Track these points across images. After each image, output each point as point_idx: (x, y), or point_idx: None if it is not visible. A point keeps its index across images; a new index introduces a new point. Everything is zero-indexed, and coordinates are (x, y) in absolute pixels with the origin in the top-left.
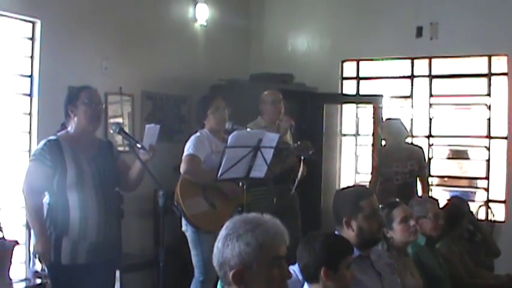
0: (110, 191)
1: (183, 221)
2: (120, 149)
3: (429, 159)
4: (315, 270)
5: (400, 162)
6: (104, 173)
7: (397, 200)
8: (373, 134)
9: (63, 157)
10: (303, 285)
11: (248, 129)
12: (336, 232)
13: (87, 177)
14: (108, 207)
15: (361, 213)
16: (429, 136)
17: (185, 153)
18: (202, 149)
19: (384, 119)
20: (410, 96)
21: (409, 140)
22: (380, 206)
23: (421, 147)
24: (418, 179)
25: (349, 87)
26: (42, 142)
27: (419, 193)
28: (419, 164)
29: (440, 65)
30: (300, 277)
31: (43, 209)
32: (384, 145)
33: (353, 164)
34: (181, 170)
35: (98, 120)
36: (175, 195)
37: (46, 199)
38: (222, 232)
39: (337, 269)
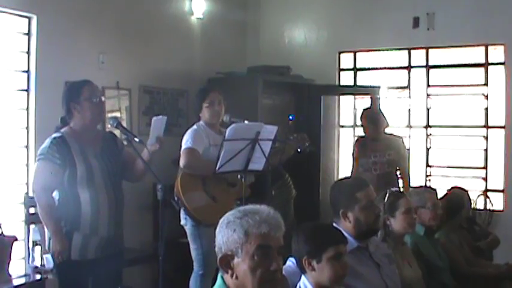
0: (118, 184)
1: (182, 215)
2: None
3: (408, 149)
4: (300, 260)
5: (378, 152)
6: (111, 167)
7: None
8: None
9: (71, 154)
10: (301, 276)
11: (246, 122)
12: (334, 223)
13: (96, 173)
14: (117, 201)
15: (358, 205)
16: (427, 126)
17: (183, 146)
18: (200, 142)
19: (363, 109)
20: (408, 87)
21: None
22: (386, 193)
23: (400, 137)
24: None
25: (346, 79)
26: (48, 140)
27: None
28: (398, 154)
29: (438, 55)
30: None
31: (55, 207)
32: (363, 136)
33: (351, 155)
34: (181, 164)
35: (102, 114)
36: (176, 189)
37: (55, 195)
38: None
39: (320, 259)
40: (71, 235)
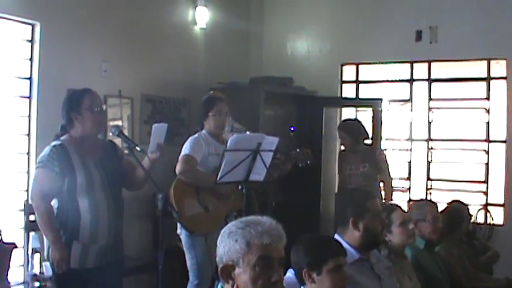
0: (117, 192)
1: (178, 224)
2: None
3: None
4: (299, 272)
5: (353, 165)
6: (111, 175)
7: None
8: (372, 138)
9: (71, 162)
10: None
11: (247, 132)
12: (337, 235)
13: (96, 181)
14: (117, 209)
15: (369, 214)
16: (428, 140)
17: (182, 153)
18: (199, 150)
19: (341, 121)
20: (410, 100)
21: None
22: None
23: (379, 149)
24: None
25: (348, 91)
26: (48, 148)
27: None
28: (376, 167)
29: (440, 69)
30: None
31: (54, 216)
32: (343, 149)
33: None
34: (177, 170)
35: (103, 124)
36: (170, 197)
37: (54, 203)
38: (222, 230)
39: (320, 271)
40: (70, 244)
